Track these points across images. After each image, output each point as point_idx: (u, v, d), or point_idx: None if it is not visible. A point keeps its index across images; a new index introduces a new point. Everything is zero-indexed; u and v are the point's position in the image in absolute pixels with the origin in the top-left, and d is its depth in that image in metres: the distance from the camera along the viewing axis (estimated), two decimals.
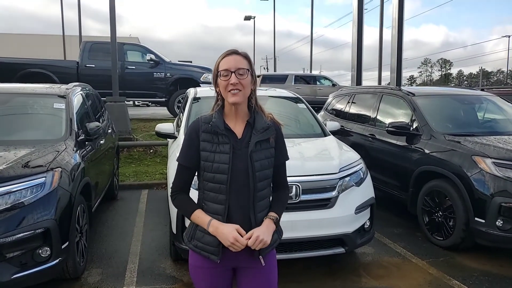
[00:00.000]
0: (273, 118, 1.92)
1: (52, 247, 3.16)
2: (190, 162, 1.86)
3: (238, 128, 1.84)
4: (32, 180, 3.20)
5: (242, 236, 1.75)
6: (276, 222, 1.88)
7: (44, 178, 3.26)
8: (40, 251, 3.12)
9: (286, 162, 2.00)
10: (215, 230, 1.77)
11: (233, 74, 1.76)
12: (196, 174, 1.92)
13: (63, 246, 3.27)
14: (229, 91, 1.76)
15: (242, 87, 1.77)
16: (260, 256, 1.82)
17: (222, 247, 1.78)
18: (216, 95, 1.89)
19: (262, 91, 5.36)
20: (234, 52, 1.82)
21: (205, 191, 1.84)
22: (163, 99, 12.27)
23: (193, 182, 1.94)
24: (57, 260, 3.20)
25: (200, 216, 1.82)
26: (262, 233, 1.78)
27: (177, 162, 1.89)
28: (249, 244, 1.74)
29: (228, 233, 1.73)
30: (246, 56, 1.84)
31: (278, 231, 1.93)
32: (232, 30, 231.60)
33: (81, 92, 5.31)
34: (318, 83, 19.09)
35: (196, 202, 1.90)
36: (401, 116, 5.69)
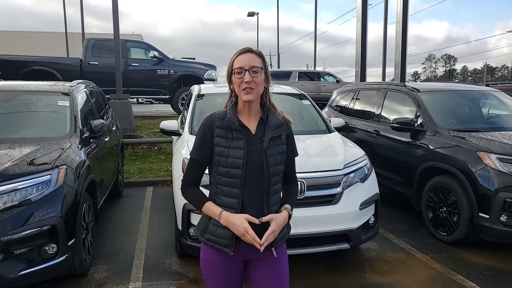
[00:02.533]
0: (284, 116, 1.95)
1: (58, 244, 3.18)
2: (202, 156, 1.88)
3: (251, 124, 1.87)
4: (37, 177, 3.22)
5: (253, 223, 1.78)
6: (290, 215, 1.93)
7: (49, 176, 3.29)
8: (46, 248, 3.14)
9: None
10: (226, 221, 1.80)
11: (247, 72, 1.79)
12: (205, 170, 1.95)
13: (69, 243, 3.29)
14: (243, 89, 1.79)
15: (255, 85, 1.80)
16: (273, 248, 1.86)
17: (235, 240, 1.81)
18: (229, 92, 1.91)
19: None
20: (248, 50, 1.84)
21: (219, 185, 1.86)
22: (167, 96, 12.29)
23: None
24: (64, 257, 3.23)
25: (211, 208, 1.85)
26: (278, 226, 1.83)
27: (189, 156, 1.92)
28: (264, 240, 1.77)
29: (239, 224, 1.77)
30: (260, 54, 1.86)
31: (287, 225, 1.96)
32: (232, 26, 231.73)
33: (85, 89, 5.32)
34: (322, 79, 19.03)
35: (207, 196, 1.93)
36: (406, 112, 5.67)
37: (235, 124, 1.83)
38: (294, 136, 2.01)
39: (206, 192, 1.95)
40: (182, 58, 13.88)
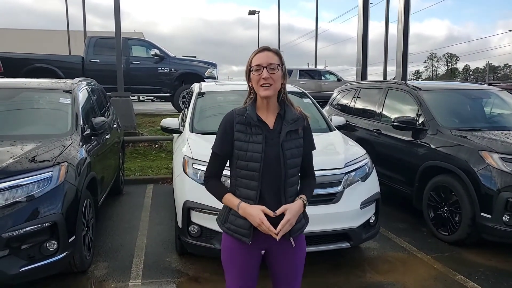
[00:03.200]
0: (301, 111, 2.04)
1: (59, 241, 3.19)
2: (223, 150, 1.99)
3: (269, 120, 1.97)
4: (39, 174, 3.22)
5: (269, 215, 1.87)
6: (305, 205, 2.01)
7: (50, 173, 3.29)
8: (47, 245, 3.15)
9: None
10: (243, 212, 1.90)
11: (264, 69, 1.88)
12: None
13: (70, 240, 3.29)
14: (261, 85, 1.89)
15: (273, 81, 1.89)
16: (291, 238, 1.96)
17: (253, 230, 1.92)
18: (248, 89, 2.02)
19: None
20: (266, 49, 1.95)
21: (238, 178, 1.98)
22: (168, 94, 12.29)
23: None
24: (64, 254, 3.23)
25: (230, 199, 1.96)
26: (293, 215, 1.90)
27: (211, 150, 2.04)
28: (279, 229, 1.85)
29: (255, 215, 1.86)
30: (277, 52, 1.95)
31: (305, 216, 2.08)
32: (233, 24, 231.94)
33: (87, 87, 5.32)
34: (323, 78, 19.02)
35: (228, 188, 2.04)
36: (407, 111, 5.66)
37: (253, 120, 1.93)
38: None
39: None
40: (183, 56, 13.87)
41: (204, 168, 3.68)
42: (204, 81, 10.18)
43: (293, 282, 2.12)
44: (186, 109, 5.65)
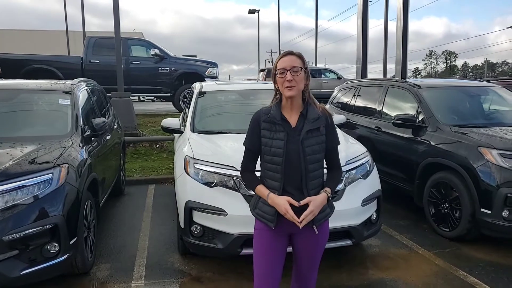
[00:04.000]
0: (324, 110, 2.20)
1: (60, 243, 3.18)
2: (253, 146, 2.22)
3: (293, 118, 2.16)
4: (39, 176, 3.21)
5: (293, 205, 2.07)
6: (329, 197, 2.19)
7: (51, 174, 3.28)
8: (48, 247, 3.14)
9: None
10: (272, 201, 2.12)
11: (288, 72, 2.07)
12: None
13: (71, 242, 3.29)
14: (286, 87, 2.07)
15: (296, 83, 2.07)
16: (314, 226, 2.15)
17: (278, 216, 2.13)
18: (274, 90, 2.21)
19: (268, 85, 5.35)
20: (289, 53, 2.13)
21: (265, 170, 2.21)
22: (168, 94, 12.28)
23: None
24: (66, 256, 3.23)
25: (261, 190, 2.19)
26: (316, 207, 2.09)
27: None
28: (302, 219, 2.05)
29: (281, 204, 2.08)
30: (300, 56, 2.13)
31: (331, 206, 2.28)
32: (232, 23, 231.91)
33: (86, 87, 5.32)
34: (323, 76, 19.03)
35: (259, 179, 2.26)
36: (407, 108, 5.66)
37: (277, 119, 2.12)
38: None
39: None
40: (183, 55, 13.87)
41: (205, 168, 3.73)
42: (205, 80, 10.17)
43: (311, 273, 2.34)
44: (186, 109, 5.65)
